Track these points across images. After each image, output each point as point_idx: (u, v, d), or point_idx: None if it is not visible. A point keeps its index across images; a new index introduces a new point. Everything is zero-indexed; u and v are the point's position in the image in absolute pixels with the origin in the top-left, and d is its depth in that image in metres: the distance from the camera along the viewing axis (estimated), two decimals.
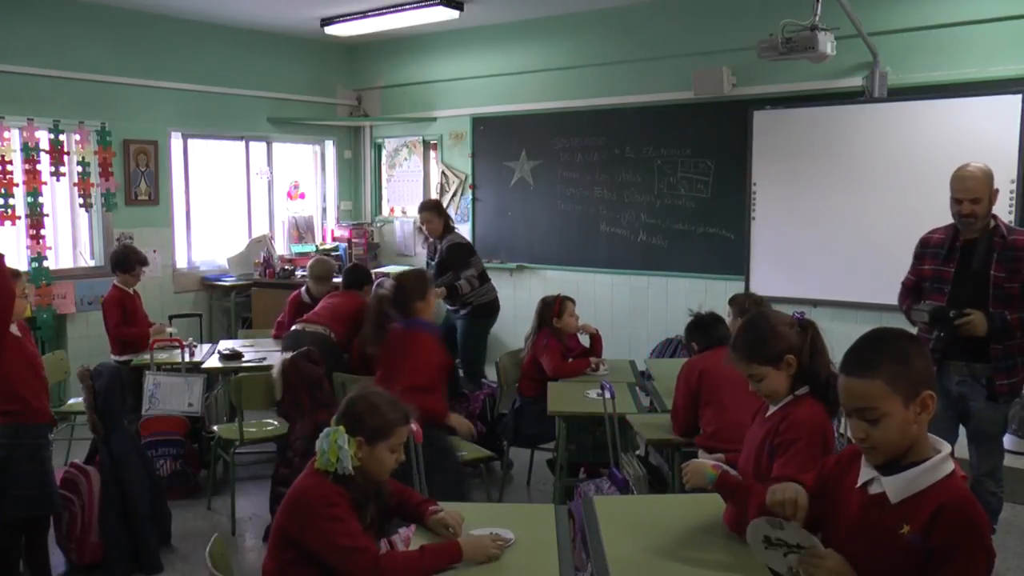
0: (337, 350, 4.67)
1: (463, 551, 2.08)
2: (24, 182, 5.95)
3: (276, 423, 4.52)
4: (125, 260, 5.14)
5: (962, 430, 3.50)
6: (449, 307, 5.65)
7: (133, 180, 6.62)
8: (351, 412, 2.23)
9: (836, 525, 1.76)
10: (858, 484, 1.71)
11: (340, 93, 8.21)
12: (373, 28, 6.95)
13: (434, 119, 7.73)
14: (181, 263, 7.10)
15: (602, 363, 4.47)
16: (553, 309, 4.47)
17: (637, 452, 3.71)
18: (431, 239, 5.74)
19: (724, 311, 3.72)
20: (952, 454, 1.67)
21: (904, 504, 1.61)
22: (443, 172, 7.73)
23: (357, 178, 8.44)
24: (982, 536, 1.57)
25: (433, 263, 5.67)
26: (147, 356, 4.69)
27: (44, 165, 6.07)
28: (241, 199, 7.64)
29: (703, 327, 3.49)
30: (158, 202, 6.80)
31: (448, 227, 5.67)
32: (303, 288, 5.41)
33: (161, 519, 3.92)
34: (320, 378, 4.12)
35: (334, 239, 8.07)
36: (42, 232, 6.04)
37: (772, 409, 2.29)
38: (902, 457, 1.64)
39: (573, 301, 4.58)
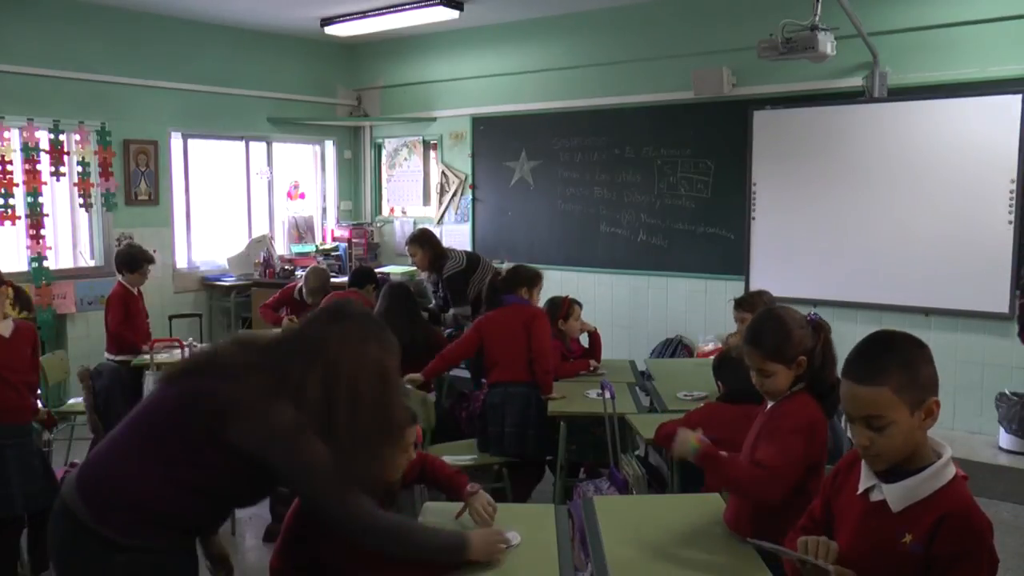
0: None
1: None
2: (24, 182, 5.95)
3: None
4: (132, 259, 5.10)
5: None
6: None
7: (133, 180, 6.62)
8: None
9: (839, 533, 1.74)
10: (859, 491, 1.69)
11: (340, 93, 8.21)
12: (373, 28, 6.95)
13: (434, 119, 7.73)
14: (181, 263, 7.10)
15: (598, 368, 4.46)
16: (560, 311, 4.47)
17: (637, 452, 3.72)
18: (426, 272, 5.53)
19: (726, 311, 3.71)
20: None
21: (906, 512, 1.60)
22: (443, 172, 7.73)
23: (357, 178, 8.44)
24: (985, 544, 1.55)
25: (439, 295, 5.48)
26: (147, 356, 4.69)
27: (44, 165, 6.07)
28: (241, 199, 7.64)
29: (733, 368, 3.09)
30: (158, 202, 6.80)
31: (440, 257, 5.37)
32: (299, 286, 5.46)
33: None
34: None
35: (334, 239, 8.07)
36: (42, 232, 6.04)
37: (768, 406, 2.29)
38: (904, 462, 1.62)
39: (580, 305, 4.57)
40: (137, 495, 1.77)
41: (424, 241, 5.41)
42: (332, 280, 5.63)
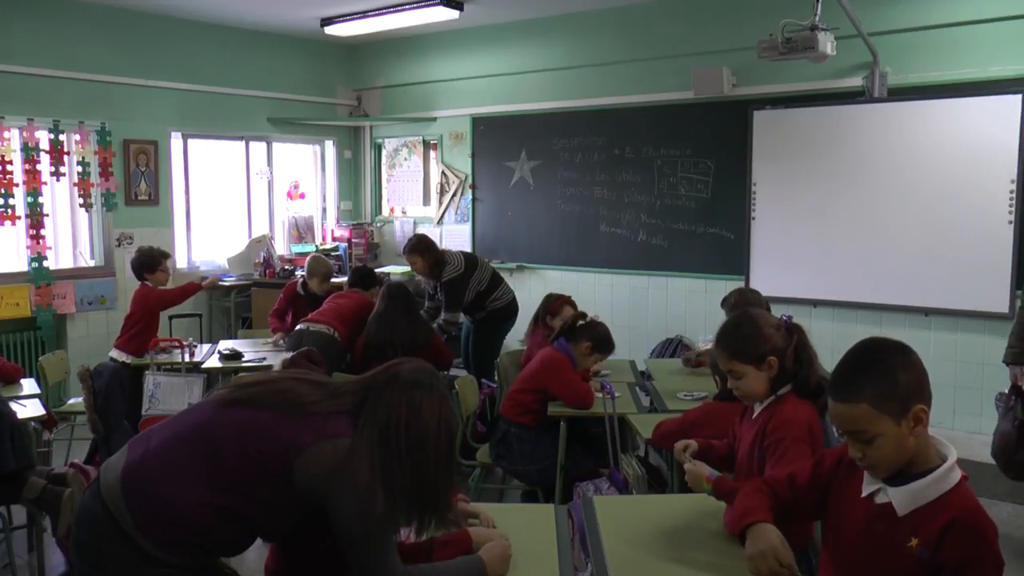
0: (341, 350, 4.69)
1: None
2: (24, 182, 5.95)
3: None
4: (150, 259, 5.08)
5: None
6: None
7: (133, 180, 6.62)
8: None
9: (842, 535, 1.74)
10: (864, 494, 1.68)
11: (340, 93, 8.21)
12: (373, 28, 6.95)
13: (434, 119, 7.73)
14: (181, 263, 7.09)
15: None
16: (548, 307, 4.45)
17: (637, 452, 3.72)
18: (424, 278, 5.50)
19: (720, 312, 3.70)
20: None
21: (912, 516, 1.58)
22: (443, 172, 7.73)
23: (357, 178, 8.44)
24: (993, 549, 1.54)
25: (438, 297, 5.45)
26: (147, 356, 4.70)
27: (44, 165, 6.07)
28: (241, 199, 7.64)
29: None
30: (158, 202, 6.80)
31: (439, 262, 5.29)
32: (299, 280, 5.47)
33: None
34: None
35: (334, 239, 8.07)
36: (42, 232, 6.04)
37: (757, 410, 2.29)
38: (906, 467, 1.61)
39: (575, 307, 4.53)
40: (185, 515, 1.77)
41: (423, 249, 5.31)
42: (334, 281, 5.62)
